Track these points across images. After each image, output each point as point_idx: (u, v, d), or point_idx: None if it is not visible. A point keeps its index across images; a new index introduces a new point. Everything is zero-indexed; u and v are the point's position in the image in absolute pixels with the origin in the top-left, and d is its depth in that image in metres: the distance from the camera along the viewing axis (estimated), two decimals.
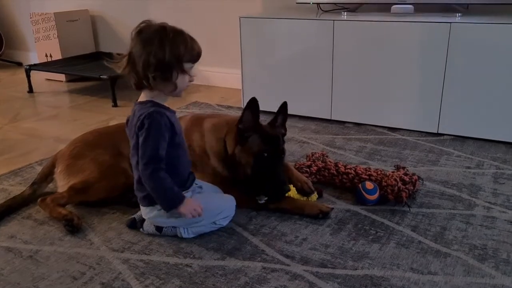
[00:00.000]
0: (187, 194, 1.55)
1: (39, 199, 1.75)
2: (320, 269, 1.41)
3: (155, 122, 1.41)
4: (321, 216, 1.69)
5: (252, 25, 2.84)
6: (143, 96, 1.49)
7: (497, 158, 2.19)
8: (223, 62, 3.61)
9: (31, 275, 1.42)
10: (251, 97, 1.63)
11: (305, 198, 1.77)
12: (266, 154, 1.67)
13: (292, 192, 1.76)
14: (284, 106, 1.76)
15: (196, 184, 1.63)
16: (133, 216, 1.67)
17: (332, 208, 1.73)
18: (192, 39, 1.42)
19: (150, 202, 1.52)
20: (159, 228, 1.59)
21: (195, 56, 1.43)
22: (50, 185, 1.90)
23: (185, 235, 1.57)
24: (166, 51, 1.35)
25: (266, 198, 1.71)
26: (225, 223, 1.62)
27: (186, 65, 1.41)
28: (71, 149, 1.85)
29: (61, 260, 1.49)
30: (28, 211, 1.80)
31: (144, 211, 1.57)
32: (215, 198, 1.66)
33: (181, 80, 1.42)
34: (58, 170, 1.82)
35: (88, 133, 1.96)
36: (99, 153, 1.81)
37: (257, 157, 1.66)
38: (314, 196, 1.79)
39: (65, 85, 3.99)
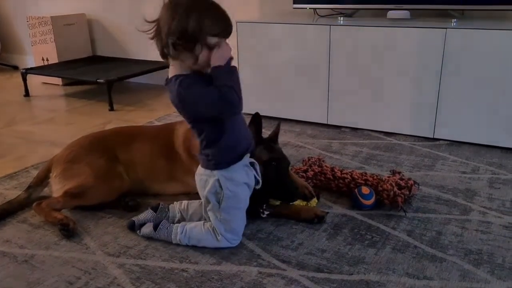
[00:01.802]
0: (241, 171, 1.49)
1: (34, 204, 1.75)
2: (316, 274, 1.41)
3: (187, 84, 1.35)
4: (317, 220, 1.69)
5: (249, 30, 2.84)
6: (170, 73, 1.42)
7: (492, 163, 2.20)
8: None
9: (26, 279, 1.41)
10: (247, 101, 1.62)
11: (305, 203, 1.77)
12: (274, 163, 1.67)
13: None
14: (279, 125, 1.83)
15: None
16: (133, 219, 1.66)
17: (327, 213, 1.74)
18: (223, 13, 1.36)
19: (208, 165, 1.47)
20: (156, 226, 1.57)
21: (222, 30, 1.35)
22: (46, 189, 1.90)
23: (183, 238, 1.54)
24: (190, 21, 1.30)
25: (268, 212, 1.71)
26: (225, 244, 1.53)
27: (211, 39, 1.33)
28: (67, 153, 1.85)
29: (56, 265, 1.48)
30: (24, 215, 1.79)
31: (207, 176, 1.51)
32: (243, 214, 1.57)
33: (205, 54, 1.35)
34: (53, 174, 1.82)
35: (83, 138, 1.95)
36: (94, 157, 1.81)
37: (265, 166, 1.65)
38: (314, 201, 1.79)
39: (61, 89, 3.98)
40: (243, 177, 1.50)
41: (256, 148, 1.66)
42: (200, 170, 1.53)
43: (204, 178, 1.50)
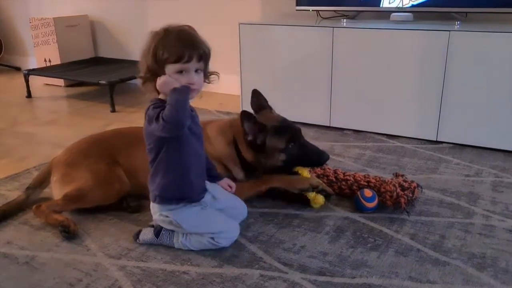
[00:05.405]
0: (195, 208, 1.52)
1: (34, 206, 1.74)
2: (318, 277, 1.40)
3: (151, 106, 1.39)
4: (311, 190, 1.78)
5: (251, 32, 2.84)
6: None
7: (495, 166, 2.19)
8: (222, 68, 3.57)
9: (27, 281, 1.41)
10: (248, 102, 1.66)
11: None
12: (292, 145, 1.76)
13: (305, 173, 1.84)
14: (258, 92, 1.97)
15: (210, 193, 1.58)
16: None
17: (322, 183, 1.80)
18: (179, 38, 1.42)
19: (156, 199, 1.50)
20: (158, 233, 1.57)
21: (175, 56, 1.38)
22: (46, 190, 1.89)
23: (184, 241, 1.53)
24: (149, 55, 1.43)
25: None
26: (226, 243, 1.54)
27: (171, 67, 1.39)
28: (66, 157, 1.84)
29: (57, 267, 1.48)
30: (25, 216, 1.79)
31: (152, 208, 1.54)
32: (219, 219, 1.57)
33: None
34: (54, 179, 1.81)
35: (83, 140, 1.93)
36: (93, 161, 1.79)
37: (287, 151, 1.75)
38: (306, 172, 1.84)
39: (63, 90, 3.99)
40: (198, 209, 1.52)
41: (266, 138, 1.73)
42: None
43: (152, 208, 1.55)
